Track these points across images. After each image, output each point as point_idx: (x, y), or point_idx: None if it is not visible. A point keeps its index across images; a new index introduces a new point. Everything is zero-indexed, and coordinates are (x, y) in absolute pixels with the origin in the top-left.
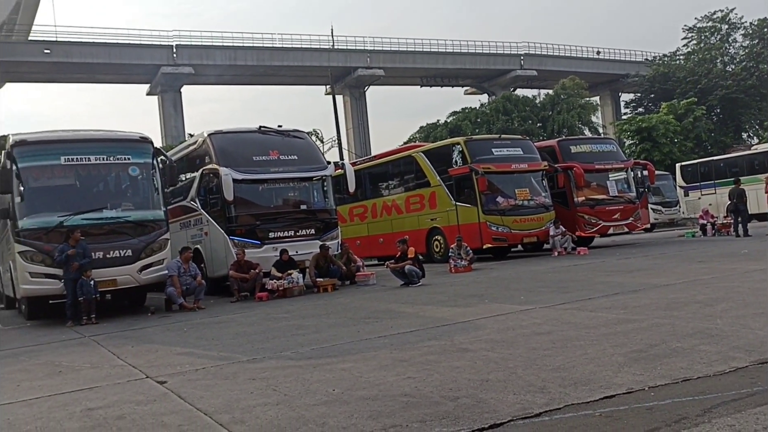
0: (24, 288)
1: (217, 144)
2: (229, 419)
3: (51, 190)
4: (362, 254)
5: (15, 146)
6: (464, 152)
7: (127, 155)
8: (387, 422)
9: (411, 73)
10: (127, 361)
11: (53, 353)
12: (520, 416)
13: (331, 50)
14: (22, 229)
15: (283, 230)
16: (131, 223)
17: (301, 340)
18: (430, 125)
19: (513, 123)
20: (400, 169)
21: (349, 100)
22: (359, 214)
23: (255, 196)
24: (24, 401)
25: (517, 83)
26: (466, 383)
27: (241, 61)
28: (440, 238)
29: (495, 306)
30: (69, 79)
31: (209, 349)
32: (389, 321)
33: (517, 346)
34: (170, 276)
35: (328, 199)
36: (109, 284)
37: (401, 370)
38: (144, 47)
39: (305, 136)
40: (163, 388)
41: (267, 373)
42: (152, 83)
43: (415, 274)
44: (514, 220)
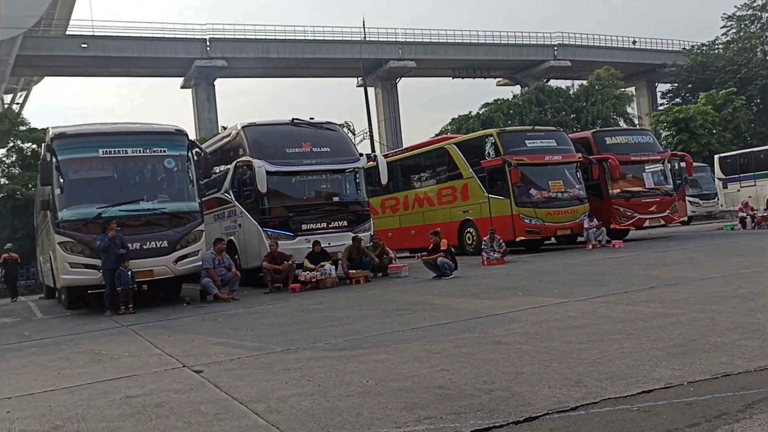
0: (64, 278)
1: (250, 136)
2: (265, 408)
3: (89, 182)
4: (394, 246)
5: (55, 139)
6: (497, 144)
7: (163, 148)
8: (421, 414)
9: (443, 65)
10: (164, 350)
11: (93, 342)
12: (556, 410)
13: (362, 42)
14: (62, 220)
15: (315, 222)
16: (167, 214)
17: (335, 332)
18: (461, 117)
19: (546, 114)
20: (432, 161)
21: (381, 92)
22: (391, 206)
23: (288, 188)
24: (65, 388)
25: (551, 74)
26: (501, 376)
27: (273, 54)
28: (472, 230)
29: (529, 299)
30: (106, 73)
31: (244, 339)
32: (422, 313)
33: (551, 339)
34: (206, 268)
35: (361, 191)
36: (145, 275)
37: (435, 362)
38: (178, 41)
39: (338, 128)
40: (199, 377)
41: (301, 364)
42: (186, 76)
43: (447, 267)
44: (547, 212)
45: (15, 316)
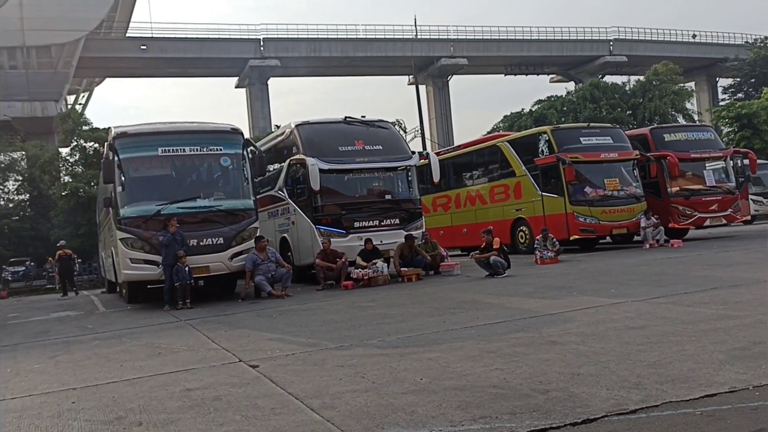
0: (125, 273)
1: (304, 135)
2: (320, 404)
3: (149, 180)
4: (446, 244)
5: (116, 138)
6: (551, 141)
7: (219, 146)
8: (476, 413)
9: (495, 62)
10: (220, 345)
11: (152, 335)
12: (615, 412)
13: (414, 40)
14: (124, 217)
15: (367, 220)
16: (223, 211)
17: (387, 329)
18: (514, 114)
19: (601, 111)
20: (484, 159)
21: (432, 89)
22: (443, 204)
23: (340, 186)
24: (127, 380)
25: (606, 70)
26: (557, 376)
27: (325, 53)
28: (525, 228)
29: (584, 298)
30: (163, 73)
31: (298, 335)
32: (475, 312)
33: (609, 340)
34: (249, 270)
35: (413, 188)
36: (202, 271)
37: (489, 361)
38: (233, 41)
39: (390, 126)
40: (255, 372)
41: (355, 361)
42: (240, 76)
43: (500, 265)
44: (602, 210)
45: (79, 309)
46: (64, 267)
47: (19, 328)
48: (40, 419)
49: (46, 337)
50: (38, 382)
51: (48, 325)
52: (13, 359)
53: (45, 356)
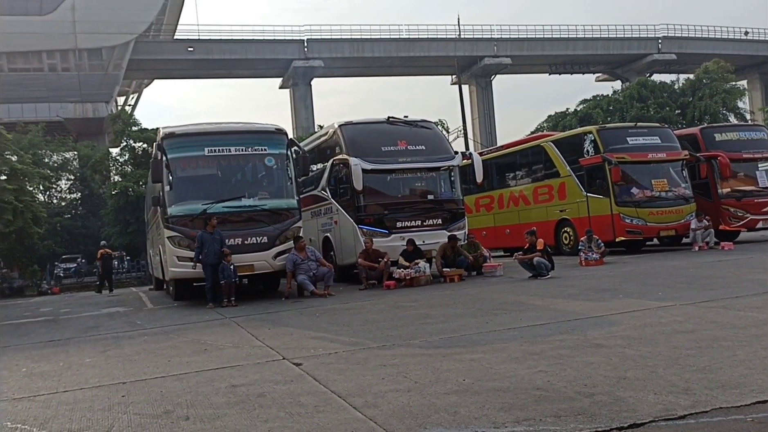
0: (172, 271)
1: (347, 135)
2: (362, 403)
3: (196, 179)
4: (488, 245)
5: (165, 139)
6: (596, 141)
7: (264, 146)
8: (519, 415)
9: (539, 61)
10: (265, 342)
11: (199, 332)
12: (663, 417)
13: (457, 40)
14: (171, 215)
15: (410, 220)
16: (267, 211)
17: (430, 329)
18: (558, 114)
19: (648, 110)
20: (528, 159)
21: (475, 89)
22: (486, 204)
23: (383, 186)
24: (175, 375)
25: (654, 68)
26: (602, 380)
27: (368, 53)
28: (569, 229)
29: (630, 301)
30: (210, 74)
31: (340, 334)
32: (518, 313)
33: (656, 343)
34: (288, 271)
35: (456, 189)
36: (247, 269)
37: (532, 363)
38: (277, 42)
39: (432, 126)
40: (298, 369)
41: (397, 360)
42: (284, 77)
43: (543, 266)
44: (650, 212)
45: (128, 305)
46: (105, 266)
47: (71, 323)
48: (91, 412)
49: (97, 332)
50: (90, 376)
51: (99, 321)
52: (66, 353)
53: (96, 351)
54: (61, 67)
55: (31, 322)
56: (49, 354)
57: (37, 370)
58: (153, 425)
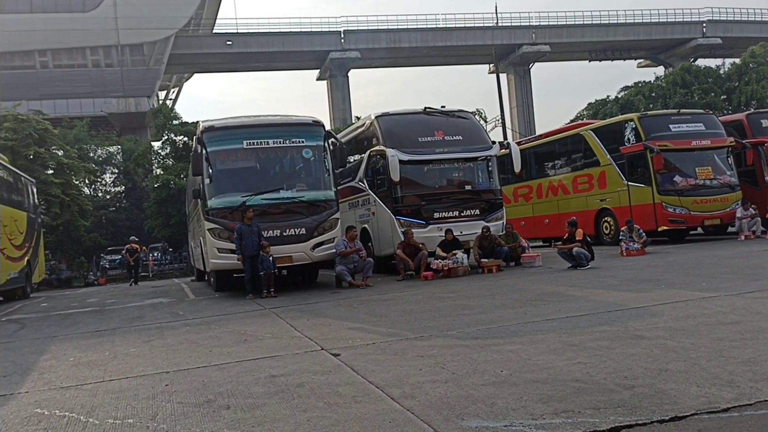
0: (213, 262)
1: (384, 126)
2: (400, 393)
3: (235, 172)
4: (527, 235)
5: (204, 132)
6: (638, 129)
7: (301, 138)
8: (558, 407)
9: (579, 48)
10: (303, 333)
11: (239, 323)
12: (705, 410)
13: (494, 28)
14: (211, 208)
15: (447, 210)
16: (305, 202)
17: (467, 320)
18: (599, 102)
19: (692, 96)
20: (567, 148)
21: (513, 78)
22: (524, 194)
23: (420, 177)
24: (216, 365)
25: (698, 53)
26: (643, 372)
27: (405, 43)
28: (610, 219)
29: (673, 292)
30: (248, 67)
31: (378, 325)
32: (557, 304)
33: (699, 335)
34: (339, 252)
35: (493, 179)
36: (285, 260)
37: (571, 355)
38: (314, 34)
39: (470, 116)
40: (336, 360)
41: (434, 351)
42: (322, 68)
43: (583, 257)
44: (693, 200)
45: (170, 296)
46: (134, 259)
47: (116, 313)
48: (136, 400)
49: (141, 323)
50: (134, 365)
51: (143, 311)
52: (111, 343)
53: (140, 340)
54: (104, 63)
55: (79, 313)
56: (96, 344)
57: (85, 359)
58: (195, 414)
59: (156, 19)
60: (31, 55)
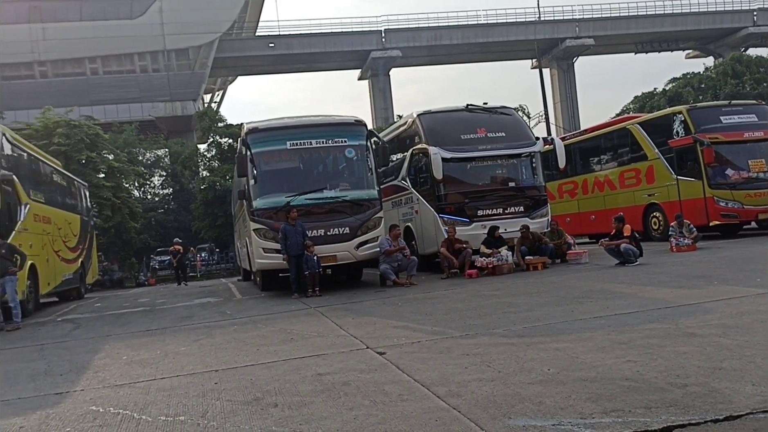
0: (258, 262)
1: (426, 124)
2: (446, 392)
3: (279, 172)
4: (572, 232)
5: (249, 134)
6: (687, 122)
7: (344, 138)
8: (608, 406)
9: (624, 40)
10: (348, 331)
11: (285, 322)
12: (761, 409)
13: (537, 23)
14: (256, 208)
15: (491, 208)
16: (348, 202)
17: (513, 318)
18: (645, 95)
19: (744, 87)
20: (613, 143)
21: (557, 72)
22: (569, 190)
23: (463, 175)
24: (263, 364)
25: (749, 42)
26: (695, 370)
27: (446, 41)
28: (659, 214)
29: (726, 288)
30: (290, 69)
31: (423, 323)
32: (605, 301)
33: (754, 332)
34: (384, 250)
35: (537, 175)
36: (330, 259)
37: (621, 353)
38: (355, 34)
39: (512, 112)
40: (382, 358)
41: (480, 349)
42: (363, 68)
43: (631, 253)
44: (746, 194)
45: (218, 296)
46: (178, 260)
47: (166, 313)
48: (186, 398)
49: (190, 322)
50: (184, 364)
51: (192, 311)
52: (162, 342)
53: (190, 339)
54: (151, 68)
55: (131, 312)
56: (147, 342)
57: (137, 358)
58: (244, 411)
59: (200, 24)
60: (81, 62)
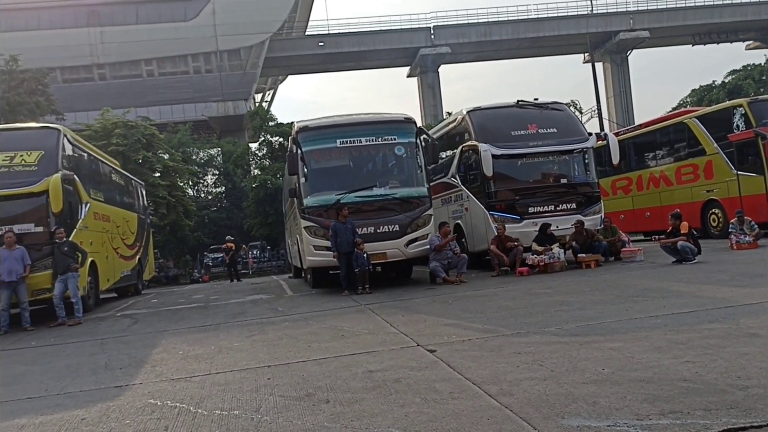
0: (309, 260)
1: (475, 120)
2: (497, 391)
3: (329, 170)
4: (626, 229)
5: (299, 132)
6: (748, 115)
7: (393, 136)
8: (665, 407)
9: (681, 32)
10: (399, 329)
11: (335, 319)
12: None
13: (589, 16)
14: (307, 206)
15: (542, 205)
16: (398, 199)
17: (565, 317)
18: (703, 88)
19: None
20: (669, 138)
21: (610, 66)
22: (623, 187)
23: (514, 171)
24: (315, 360)
25: None
26: (757, 372)
27: (495, 36)
28: (718, 211)
29: None
30: (339, 67)
31: (474, 321)
32: (661, 300)
33: None
34: (435, 246)
35: (590, 172)
36: (379, 257)
37: (678, 353)
38: (404, 31)
39: (564, 107)
40: (432, 356)
41: (532, 348)
42: (412, 65)
43: (689, 251)
44: None
45: (269, 293)
46: (231, 257)
47: (220, 309)
48: (241, 393)
49: (243, 318)
50: (238, 359)
51: (244, 307)
52: (216, 337)
53: (243, 335)
54: (204, 69)
55: (186, 308)
56: (202, 338)
57: (192, 353)
58: (296, 407)
59: (252, 24)
60: (138, 65)
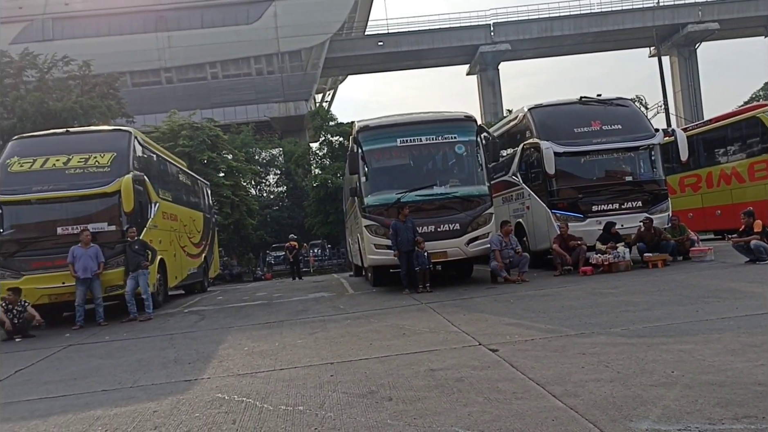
0: (370, 258)
1: (537, 118)
2: (562, 392)
3: (389, 169)
4: (695, 228)
5: (360, 132)
6: None
7: (454, 134)
8: (739, 412)
9: (753, 23)
10: (460, 328)
11: (396, 317)
12: None
13: (655, 8)
14: (368, 205)
15: (607, 203)
16: (458, 198)
17: (632, 317)
18: None
19: None
20: (740, 133)
21: (677, 60)
22: (691, 184)
23: (577, 169)
24: (377, 358)
25: None
26: None
27: (557, 32)
28: None
29: None
30: (399, 66)
31: (536, 321)
32: (733, 301)
33: None
34: (493, 251)
35: (657, 169)
36: (440, 256)
37: (752, 356)
38: (463, 29)
39: (629, 103)
40: (495, 356)
41: (597, 349)
42: (471, 63)
43: (763, 250)
44: None
45: (331, 291)
46: (293, 255)
47: (283, 306)
48: (305, 389)
49: (306, 316)
50: (301, 356)
51: (306, 305)
52: (280, 334)
53: (306, 332)
54: (266, 70)
55: (250, 306)
56: (266, 335)
57: (257, 349)
58: (359, 404)
59: (312, 26)
60: (203, 68)
